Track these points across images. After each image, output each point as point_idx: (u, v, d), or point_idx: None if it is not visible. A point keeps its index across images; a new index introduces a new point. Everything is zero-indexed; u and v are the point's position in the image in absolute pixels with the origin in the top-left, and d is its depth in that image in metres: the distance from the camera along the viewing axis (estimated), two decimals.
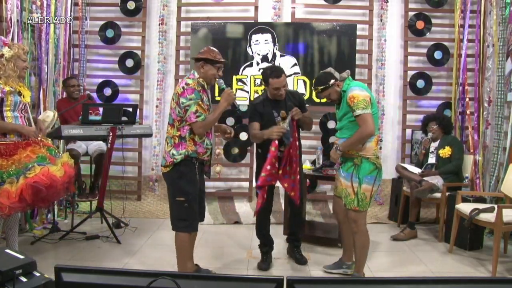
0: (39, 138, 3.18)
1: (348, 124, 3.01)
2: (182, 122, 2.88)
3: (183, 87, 2.85)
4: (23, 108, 3.15)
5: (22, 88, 3.18)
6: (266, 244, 3.50)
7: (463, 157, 4.41)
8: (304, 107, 3.39)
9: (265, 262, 3.46)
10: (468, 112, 4.88)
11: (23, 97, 3.15)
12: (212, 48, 3.02)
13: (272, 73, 3.26)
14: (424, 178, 4.19)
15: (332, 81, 3.02)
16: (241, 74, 5.22)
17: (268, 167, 3.07)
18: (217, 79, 2.99)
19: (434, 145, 4.48)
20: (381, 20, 5.24)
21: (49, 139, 3.45)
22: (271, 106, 3.34)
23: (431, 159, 4.45)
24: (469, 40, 4.96)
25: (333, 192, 3.28)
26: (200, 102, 2.86)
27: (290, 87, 5.18)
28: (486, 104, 4.64)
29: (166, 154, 2.93)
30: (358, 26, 5.21)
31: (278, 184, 5.39)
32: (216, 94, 4.94)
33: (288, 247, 3.75)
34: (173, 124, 2.91)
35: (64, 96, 4.72)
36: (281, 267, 3.51)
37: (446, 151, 4.30)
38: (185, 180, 2.90)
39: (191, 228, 2.97)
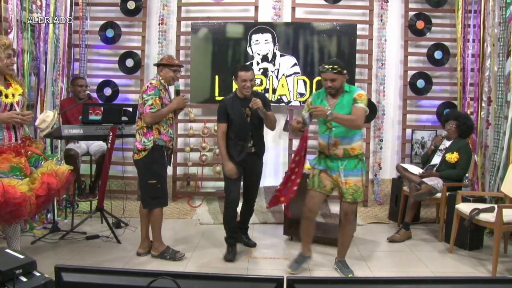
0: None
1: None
2: None
3: (147, 86, 3.46)
4: (9, 109, 2.92)
5: (12, 87, 2.96)
6: (232, 236, 3.70)
7: (469, 167, 4.36)
8: (268, 107, 3.67)
9: (231, 253, 3.66)
10: (468, 112, 4.88)
11: (7, 97, 2.91)
12: (170, 55, 3.76)
13: (242, 67, 3.68)
14: (424, 180, 4.17)
15: (345, 72, 3.19)
16: None
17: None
18: (174, 81, 3.61)
19: (445, 143, 4.43)
20: (381, 20, 5.24)
21: (38, 142, 3.30)
22: (240, 104, 3.62)
23: (438, 157, 4.42)
24: (469, 40, 4.96)
25: (314, 187, 3.32)
26: (157, 98, 3.41)
27: (291, 87, 5.19)
28: (484, 104, 4.63)
29: (137, 143, 3.47)
30: (358, 26, 5.20)
31: (277, 184, 5.37)
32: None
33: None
34: (141, 117, 3.47)
35: (70, 96, 4.73)
36: (281, 267, 3.51)
37: (453, 157, 4.23)
38: (157, 164, 3.48)
39: (163, 204, 3.58)
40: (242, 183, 3.79)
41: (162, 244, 3.61)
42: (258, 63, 5.21)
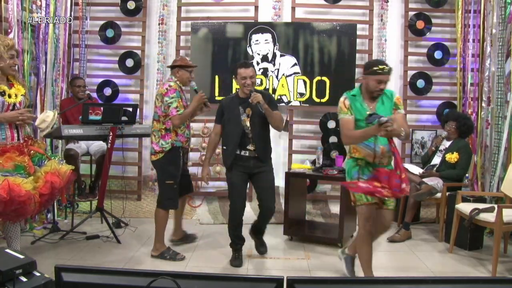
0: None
1: None
2: (167, 117, 3.48)
3: (166, 89, 3.48)
4: (11, 109, 2.92)
5: (14, 88, 2.96)
6: (238, 243, 3.58)
7: (469, 167, 4.35)
8: (273, 105, 3.47)
9: (238, 259, 3.55)
10: (469, 111, 4.88)
11: (10, 97, 2.91)
12: (183, 56, 3.80)
13: (241, 64, 3.52)
14: (424, 180, 4.17)
15: None
16: None
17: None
18: (190, 82, 3.65)
19: (445, 144, 4.43)
20: (381, 20, 5.24)
21: (40, 141, 3.29)
22: (238, 103, 3.46)
23: (438, 157, 4.42)
24: (469, 40, 4.96)
25: (369, 201, 2.89)
26: (179, 100, 3.48)
27: (291, 87, 5.19)
28: (484, 104, 4.63)
29: (154, 145, 3.53)
30: (358, 26, 5.20)
31: (277, 184, 5.34)
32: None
33: (255, 241, 3.78)
34: (159, 119, 3.52)
35: (70, 96, 4.73)
36: (281, 267, 3.51)
37: (453, 157, 4.23)
38: (173, 166, 3.53)
39: (175, 206, 3.64)
40: (255, 192, 3.60)
41: (163, 245, 3.62)
42: (258, 63, 5.21)
